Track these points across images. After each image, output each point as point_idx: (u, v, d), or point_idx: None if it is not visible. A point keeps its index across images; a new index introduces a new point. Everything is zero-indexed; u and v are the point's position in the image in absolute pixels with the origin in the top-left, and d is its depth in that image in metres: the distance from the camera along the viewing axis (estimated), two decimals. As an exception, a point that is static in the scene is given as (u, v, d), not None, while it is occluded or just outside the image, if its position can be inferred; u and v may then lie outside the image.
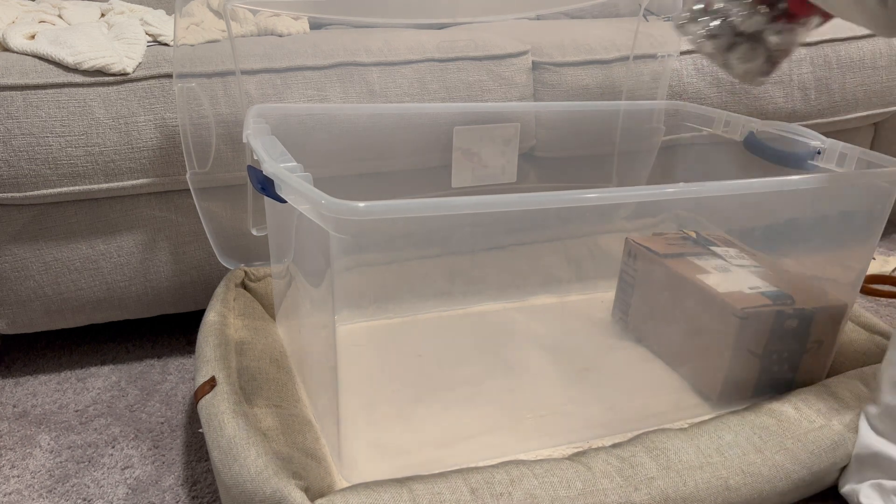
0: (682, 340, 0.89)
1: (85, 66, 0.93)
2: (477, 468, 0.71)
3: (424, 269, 0.76)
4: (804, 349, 0.89)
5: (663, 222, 0.91)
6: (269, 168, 0.71)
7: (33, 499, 0.83)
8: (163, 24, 1.11)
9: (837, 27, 1.32)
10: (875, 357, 0.93)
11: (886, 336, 0.95)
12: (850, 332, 0.97)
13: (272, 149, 0.78)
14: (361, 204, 0.60)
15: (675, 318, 0.87)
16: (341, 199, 0.60)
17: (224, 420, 0.71)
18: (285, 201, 0.69)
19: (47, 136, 0.92)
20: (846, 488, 0.79)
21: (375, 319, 0.92)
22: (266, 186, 0.71)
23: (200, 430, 0.91)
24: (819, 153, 0.93)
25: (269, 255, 1.07)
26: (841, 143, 0.92)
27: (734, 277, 0.86)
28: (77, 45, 0.94)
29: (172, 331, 1.20)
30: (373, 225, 0.64)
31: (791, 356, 0.88)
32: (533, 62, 1.16)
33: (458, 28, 1.22)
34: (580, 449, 0.79)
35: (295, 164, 0.73)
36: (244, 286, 1.03)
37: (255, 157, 0.79)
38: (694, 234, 0.90)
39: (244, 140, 0.86)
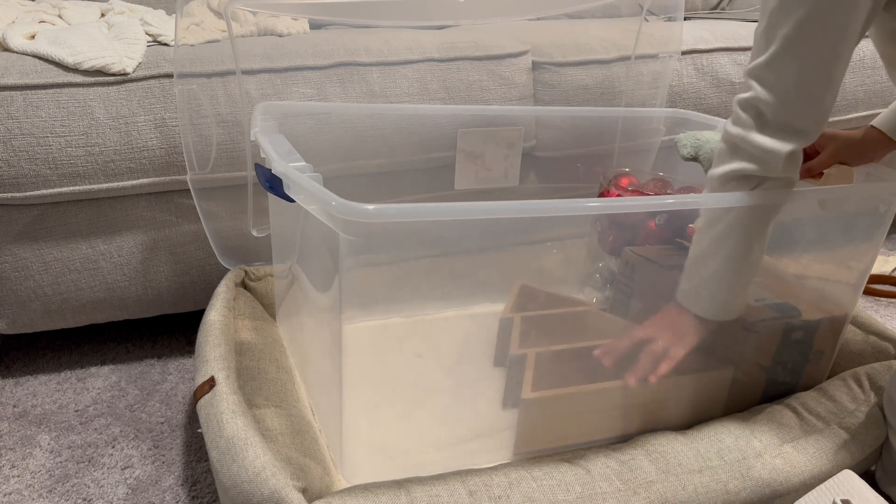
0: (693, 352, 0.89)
1: (85, 66, 0.93)
2: (475, 470, 0.71)
3: (426, 269, 0.76)
4: (807, 360, 0.89)
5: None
6: (279, 167, 0.71)
7: (33, 499, 0.83)
8: (163, 24, 1.11)
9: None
10: (870, 357, 0.93)
11: (882, 336, 0.94)
12: (847, 332, 0.97)
13: (280, 147, 0.78)
14: (370, 206, 0.60)
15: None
16: (351, 201, 0.60)
17: (223, 420, 0.71)
18: (293, 200, 0.69)
19: (47, 136, 0.92)
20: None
21: (376, 319, 0.92)
22: (274, 185, 0.71)
23: (200, 430, 0.91)
24: None
25: (269, 255, 1.07)
26: None
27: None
28: (77, 45, 0.94)
29: (172, 331, 1.20)
30: (381, 227, 0.64)
31: (795, 367, 0.88)
32: (533, 62, 1.16)
33: (458, 28, 1.22)
34: (579, 451, 0.79)
35: (304, 163, 0.73)
36: (244, 286, 1.03)
37: (263, 155, 0.79)
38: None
39: (252, 138, 0.86)
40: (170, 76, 0.96)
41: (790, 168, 0.72)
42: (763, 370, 0.86)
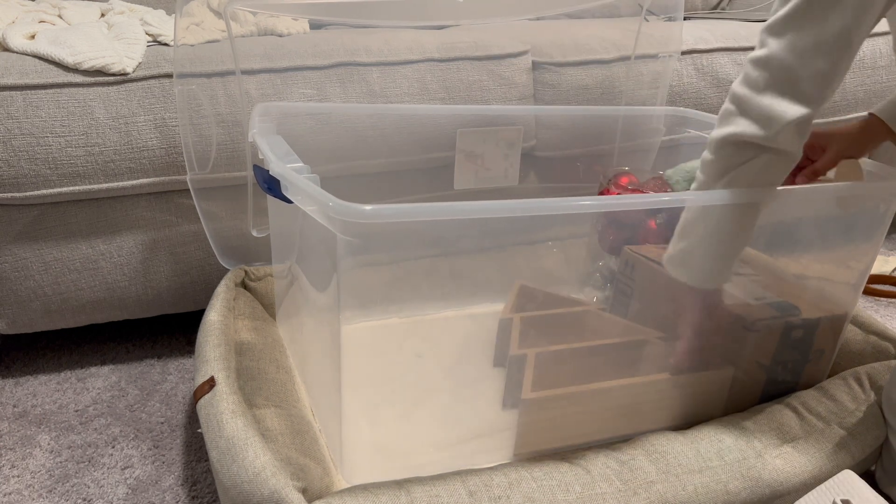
0: (687, 351, 0.89)
1: (85, 66, 0.93)
2: (475, 470, 0.71)
3: (425, 269, 0.76)
4: (807, 359, 0.89)
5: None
6: (277, 168, 0.71)
7: (33, 499, 0.83)
8: (163, 24, 1.11)
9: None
10: (870, 357, 0.93)
11: (883, 336, 0.94)
12: (847, 332, 0.97)
13: (278, 148, 0.78)
14: (368, 207, 0.60)
15: (679, 328, 0.87)
16: (348, 202, 0.60)
17: (223, 420, 0.71)
18: (291, 202, 0.69)
19: (47, 136, 0.92)
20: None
21: (376, 320, 0.92)
22: (272, 186, 0.71)
23: (200, 430, 0.91)
24: None
25: (268, 255, 1.07)
26: None
27: (737, 287, 0.85)
28: (77, 45, 0.94)
29: (172, 331, 1.20)
30: (379, 228, 0.64)
31: (795, 366, 0.88)
32: (533, 62, 1.16)
33: (458, 28, 1.22)
34: (579, 451, 0.79)
35: (302, 164, 0.73)
36: (244, 286, 1.03)
37: (261, 156, 0.79)
38: None
39: (249, 139, 0.86)
40: (170, 76, 0.96)
41: (792, 140, 0.69)
42: (763, 369, 0.86)
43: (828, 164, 0.84)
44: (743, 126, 0.69)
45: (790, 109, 0.67)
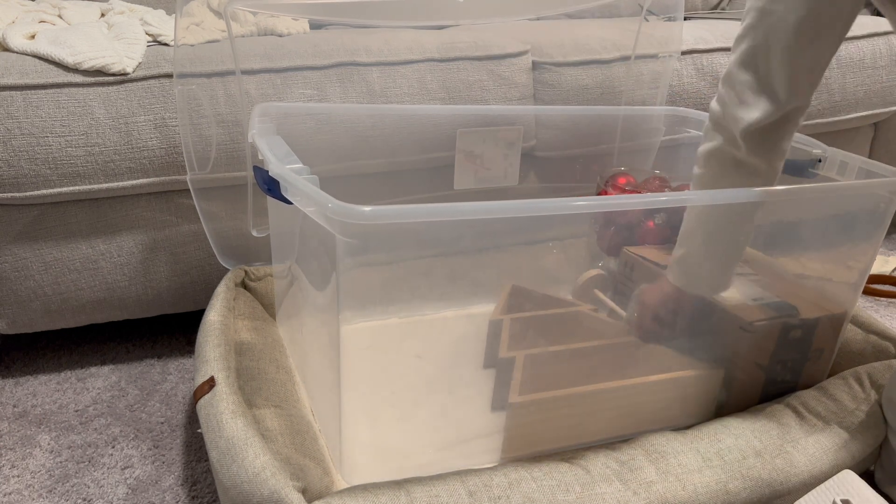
0: (685, 353, 0.89)
1: (85, 66, 0.93)
2: (475, 470, 0.71)
3: (424, 269, 0.76)
4: (807, 358, 0.89)
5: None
6: (276, 169, 0.71)
7: (33, 499, 0.83)
8: (163, 24, 1.11)
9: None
10: (870, 357, 0.93)
11: (883, 336, 0.94)
12: (847, 332, 0.97)
13: (278, 149, 0.78)
14: (367, 208, 0.60)
15: (678, 329, 0.87)
16: (348, 203, 0.60)
17: (222, 420, 0.71)
18: (291, 203, 0.69)
19: (47, 136, 0.92)
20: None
21: (375, 320, 0.92)
22: (272, 187, 0.71)
23: (200, 430, 0.92)
24: (820, 161, 0.93)
25: (268, 255, 1.07)
26: (841, 152, 0.92)
27: (735, 288, 0.85)
28: (77, 45, 0.94)
29: (172, 331, 1.20)
30: (378, 229, 0.64)
31: (794, 365, 0.88)
32: (533, 62, 1.16)
33: (458, 28, 1.22)
34: (579, 451, 0.79)
35: (301, 165, 0.73)
36: (244, 286, 1.03)
37: (261, 157, 0.79)
38: None
39: (249, 140, 0.86)
40: (170, 76, 0.96)
41: (757, 148, 0.73)
42: (762, 369, 0.86)
43: None
44: (718, 139, 0.74)
45: (747, 114, 0.70)
